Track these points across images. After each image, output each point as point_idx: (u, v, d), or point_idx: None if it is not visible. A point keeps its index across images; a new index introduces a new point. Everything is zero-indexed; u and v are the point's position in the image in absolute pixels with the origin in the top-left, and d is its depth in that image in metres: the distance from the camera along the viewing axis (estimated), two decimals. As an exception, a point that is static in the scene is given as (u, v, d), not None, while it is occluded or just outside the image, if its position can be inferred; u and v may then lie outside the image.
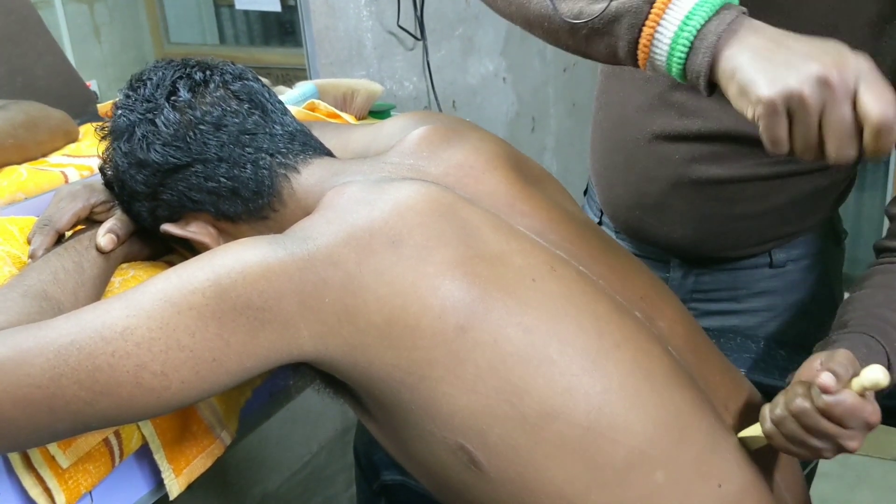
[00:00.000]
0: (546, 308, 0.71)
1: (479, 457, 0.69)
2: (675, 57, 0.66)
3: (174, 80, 0.80)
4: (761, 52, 0.62)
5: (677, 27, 0.65)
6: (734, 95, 0.64)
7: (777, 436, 0.71)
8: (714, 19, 0.64)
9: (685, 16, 0.64)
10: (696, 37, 0.65)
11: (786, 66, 0.61)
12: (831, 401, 0.66)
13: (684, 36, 0.65)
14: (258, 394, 0.97)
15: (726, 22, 0.64)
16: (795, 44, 0.62)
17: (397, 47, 1.87)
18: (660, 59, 0.67)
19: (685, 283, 1.14)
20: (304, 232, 0.70)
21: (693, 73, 0.66)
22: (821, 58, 0.60)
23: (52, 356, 0.63)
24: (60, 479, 0.74)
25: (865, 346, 0.77)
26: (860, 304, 0.84)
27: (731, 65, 0.63)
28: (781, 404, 0.70)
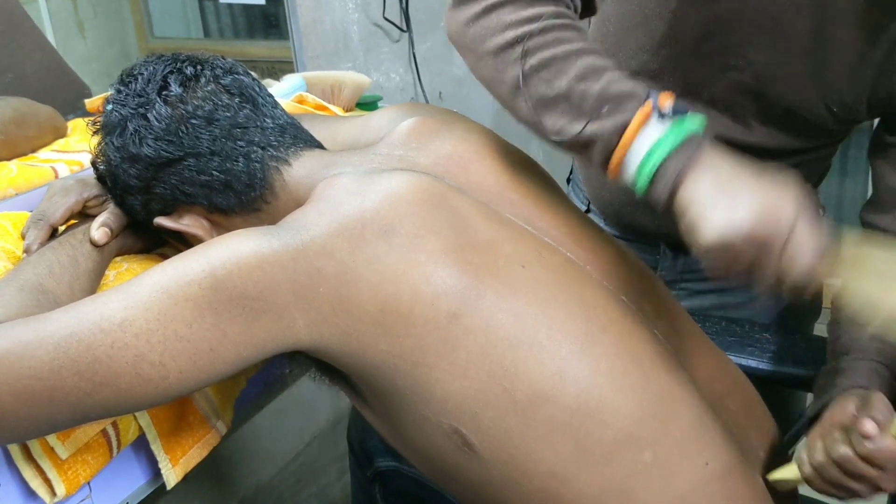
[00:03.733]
0: (535, 294, 0.72)
1: (472, 439, 0.71)
2: (639, 184, 0.71)
3: (165, 75, 0.81)
4: (711, 194, 0.68)
5: (641, 160, 0.70)
6: (685, 230, 0.69)
7: (817, 479, 0.73)
8: (674, 156, 0.69)
9: (647, 151, 0.70)
10: (657, 171, 0.70)
11: (727, 213, 0.66)
12: (873, 448, 0.68)
13: (647, 170, 0.70)
14: (253, 383, 0.97)
15: (684, 158, 0.69)
16: (742, 189, 0.67)
17: (383, 39, 1.87)
18: (628, 181, 0.73)
19: (675, 265, 1.16)
20: (297, 223, 0.71)
21: (654, 200, 0.71)
22: (759, 211, 0.66)
23: (51, 348, 0.63)
24: (60, 469, 0.74)
25: (876, 373, 0.80)
26: (855, 326, 0.86)
27: (684, 203, 0.69)
28: (821, 450, 0.72)
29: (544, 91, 0.75)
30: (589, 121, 0.72)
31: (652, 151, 0.70)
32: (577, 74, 0.74)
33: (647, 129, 0.70)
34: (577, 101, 0.73)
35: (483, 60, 0.79)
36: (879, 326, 0.66)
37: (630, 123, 0.70)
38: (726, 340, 1.05)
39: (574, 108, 0.73)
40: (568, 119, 0.74)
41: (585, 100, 0.73)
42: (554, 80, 0.74)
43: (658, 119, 0.70)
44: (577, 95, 0.73)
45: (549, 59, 0.75)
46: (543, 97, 0.75)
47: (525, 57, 0.75)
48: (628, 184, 0.73)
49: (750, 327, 1.08)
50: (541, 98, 0.75)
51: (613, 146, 0.71)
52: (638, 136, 0.70)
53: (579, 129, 0.73)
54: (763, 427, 0.85)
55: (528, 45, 0.75)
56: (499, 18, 0.77)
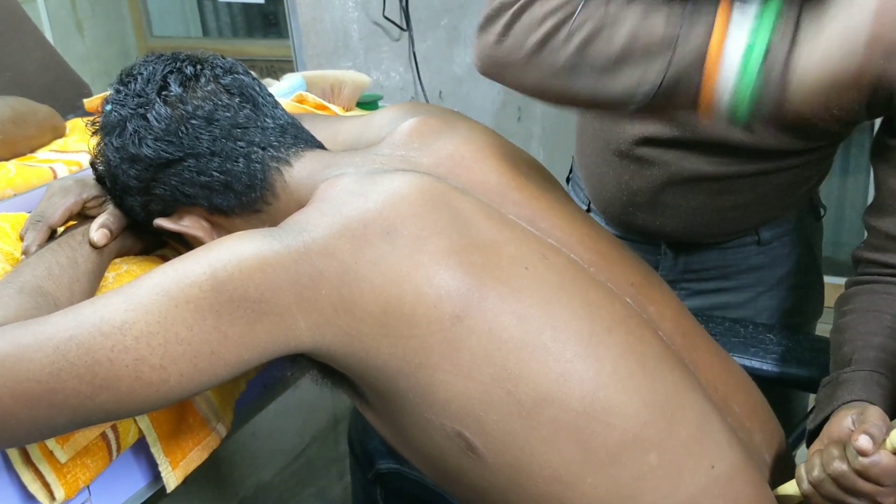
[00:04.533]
0: (539, 295, 0.72)
1: (476, 443, 0.70)
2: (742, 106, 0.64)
3: (165, 75, 0.80)
4: None
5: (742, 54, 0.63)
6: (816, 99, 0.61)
7: (816, 496, 0.72)
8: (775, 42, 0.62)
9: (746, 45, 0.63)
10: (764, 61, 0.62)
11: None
12: (868, 462, 0.68)
13: (753, 61, 0.63)
14: (253, 385, 0.97)
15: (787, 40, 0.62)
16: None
17: (383, 38, 1.87)
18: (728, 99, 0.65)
19: (676, 265, 1.16)
20: (298, 224, 0.71)
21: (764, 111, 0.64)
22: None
23: (51, 351, 0.63)
24: (59, 473, 0.74)
25: (877, 384, 0.79)
26: (856, 334, 0.86)
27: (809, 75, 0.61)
28: (818, 466, 0.71)
29: (607, 52, 0.70)
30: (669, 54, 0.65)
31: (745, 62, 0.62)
32: (635, 20, 0.69)
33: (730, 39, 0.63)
34: (646, 41, 0.67)
35: (528, 64, 0.75)
36: None
37: (717, 17, 0.63)
38: (730, 341, 1.05)
39: (645, 51, 0.68)
40: (643, 68, 0.68)
41: (654, 35, 0.67)
42: (615, 35, 0.69)
43: (740, 11, 0.63)
44: (644, 34, 0.68)
45: (600, 24, 0.70)
46: (608, 59, 0.70)
47: (573, 36, 0.71)
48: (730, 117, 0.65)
49: (754, 328, 1.08)
50: (605, 63, 0.70)
51: (701, 74, 0.64)
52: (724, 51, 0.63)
53: (659, 69, 0.66)
54: (768, 429, 0.84)
55: (572, 24, 0.71)
56: (531, 17, 0.75)
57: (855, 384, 0.79)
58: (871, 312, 0.86)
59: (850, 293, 0.91)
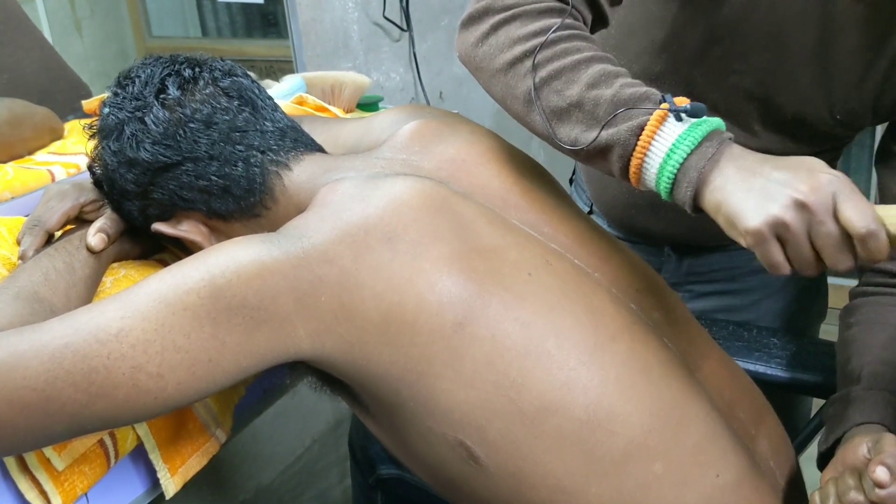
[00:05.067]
0: (542, 302, 0.71)
1: (478, 452, 0.70)
2: (661, 186, 0.69)
3: (163, 78, 0.79)
4: (741, 184, 0.65)
5: (661, 161, 0.68)
6: (724, 226, 0.66)
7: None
8: (695, 153, 0.67)
9: (667, 151, 0.67)
10: (678, 171, 0.67)
11: (765, 195, 0.63)
12: (885, 495, 0.67)
13: (668, 170, 0.68)
14: (252, 391, 0.96)
15: (707, 156, 0.66)
16: (773, 171, 0.65)
17: (383, 39, 1.86)
18: (650, 184, 0.70)
19: (680, 268, 1.15)
20: (298, 230, 0.70)
21: (679, 202, 0.69)
22: (796, 183, 0.63)
23: (46, 359, 0.62)
24: (56, 481, 0.73)
25: (890, 405, 0.78)
26: (864, 348, 0.85)
27: (714, 199, 0.66)
28: (833, 496, 0.70)
29: (556, 102, 0.73)
30: (604, 127, 0.70)
31: (672, 150, 0.67)
32: (589, 82, 0.72)
33: (664, 129, 0.68)
34: (591, 108, 0.71)
35: (495, 78, 0.78)
36: None
37: (647, 125, 0.68)
38: (734, 345, 1.04)
39: (587, 115, 0.72)
40: (583, 128, 0.72)
41: (599, 106, 0.71)
42: (565, 90, 0.73)
43: (675, 119, 0.68)
44: (589, 103, 0.72)
45: (558, 70, 0.73)
46: (556, 108, 0.74)
47: (535, 70, 0.74)
48: (650, 188, 0.71)
49: (758, 332, 1.07)
50: (553, 109, 0.74)
51: (631, 150, 0.69)
52: (656, 137, 0.68)
53: (594, 136, 0.71)
54: (773, 435, 0.83)
55: (538, 58, 0.74)
56: (507, 35, 0.76)
57: (866, 404, 0.78)
58: (878, 325, 0.85)
59: (856, 305, 0.90)
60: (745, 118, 0.98)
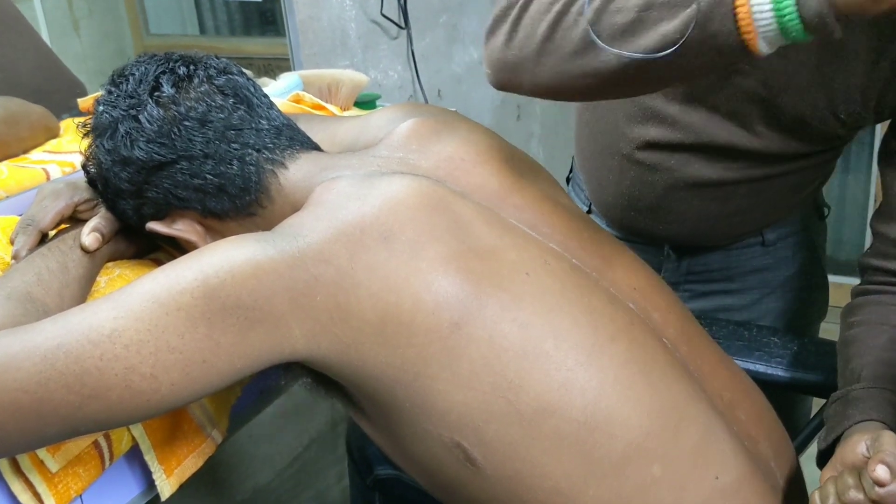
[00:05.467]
0: (540, 302, 0.70)
1: (475, 454, 0.69)
2: (786, 18, 0.59)
3: (157, 76, 0.78)
4: None
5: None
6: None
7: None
8: None
9: None
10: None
11: None
12: (885, 493, 0.66)
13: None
14: (248, 391, 0.96)
15: None
16: None
17: (381, 36, 1.86)
18: (771, 30, 0.61)
19: (680, 267, 1.15)
20: (293, 229, 0.69)
21: (819, 20, 0.59)
22: None
23: (38, 360, 0.61)
24: (50, 483, 0.73)
25: (889, 403, 0.77)
26: (865, 348, 0.84)
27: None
28: (833, 495, 0.69)
29: (623, 19, 0.66)
30: (690, 1, 0.61)
31: None
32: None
33: None
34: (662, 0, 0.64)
35: (542, 51, 0.71)
36: None
37: None
38: (734, 345, 1.03)
39: (663, 7, 0.64)
40: (666, 22, 0.64)
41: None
42: (626, 3, 0.66)
43: None
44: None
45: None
46: (626, 25, 0.66)
47: (584, 10, 0.67)
48: (777, 33, 0.61)
49: (758, 331, 1.06)
50: (624, 28, 0.66)
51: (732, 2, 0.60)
52: None
53: (684, 17, 0.62)
54: (774, 436, 0.83)
55: (578, 4, 0.68)
56: (536, 9, 0.72)
57: (866, 403, 0.77)
58: (879, 325, 0.85)
59: (857, 304, 0.89)
60: (747, 119, 0.97)
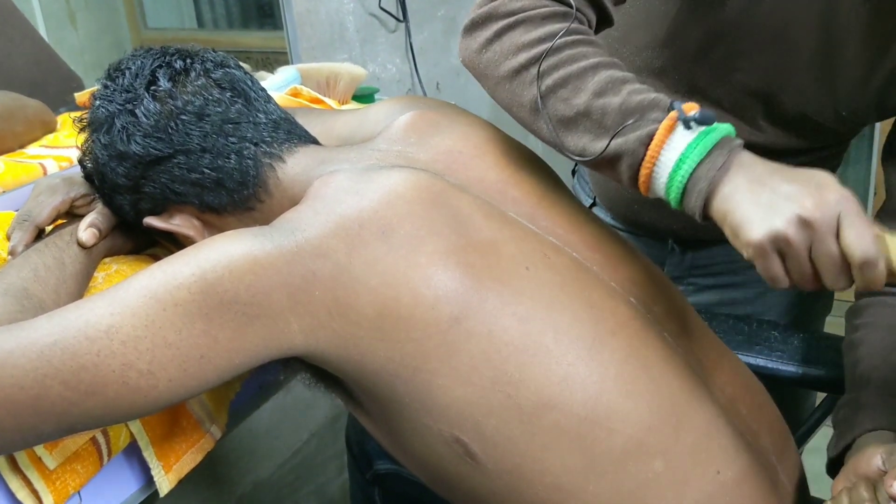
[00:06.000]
0: (540, 296, 0.70)
1: (475, 448, 0.69)
2: (671, 195, 0.68)
3: (154, 69, 0.78)
4: (749, 195, 0.64)
5: (670, 171, 0.67)
6: (728, 236, 0.65)
7: None
8: (705, 162, 0.65)
9: (676, 161, 0.66)
10: (688, 180, 0.66)
11: (771, 208, 0.63)
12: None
13: (678, 180, 0.66)
14: (247, 386, 0.95)
15: (717, 166, 0.65)
16: (781, 183, 0.64)
17: (379, 29, 1.85)
18: (659, 193, 0.69)
19: (684, 261, 1.14)
20: (291, 223, 0.69)
21: (689, 211, 0.68)
22: (802, 198, 0.62)
23: (35, 357, 0.61)
24: (48, 480, 0.72)
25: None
26: (873, 351, 0.83)
27: (722, 208, 0.65)
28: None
29: (563, 111, 0.72)
30: (613, 136, 0.69)
31: (681, 160, 0.66)
32: (596, 90, 0.70)
33: (674, 138, 0.66)
34: (598, 117, 0.70)
35: (500, 85, 0.76)
36: None
37: (656, 134, 0.67)
38: (734, 339, 1.03)
39: (595, 124, 0.70)
40: (591, 137, 0.71)
41: (606, 115, 0.70)
42: (572, 98, 0.71)
43: (684, 127, 0.66)
44: (597, 111, 0.70)
45: (564, 78, 0.72)
46: (563, 117, 0.72)
47: (541, 78, 0.72)
48: (660, 196, 0.69)
49: (758, 325, 1.06)
50: (560, 118, 0.72)
51: (640, 159, 0.68)
52: (665, 147, 0.67)
53: (603, 146, 0.69)
54: (775, 430, 0.82)
55: (543, 66, 0.72)
56: (511, 41, 0.74)
57: (876, 410, 0.77)
58: (886, 328, 0.84)
59: (863, 305, 0.89)
60: (750, 114, 0.97)
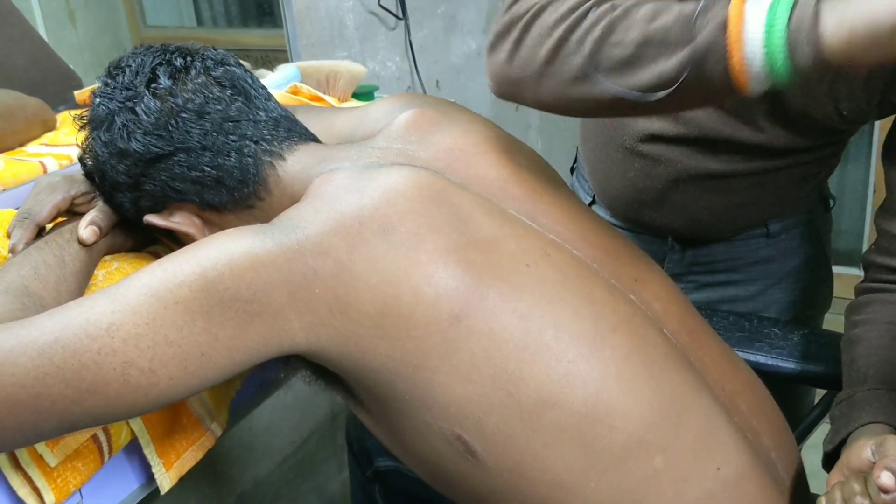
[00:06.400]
0: (541, 294, 0.70)
1: (475, 446, 0.69)
2: (777, 64, 0.60)
3: (154, 67, 0.78)
4: None
5: (763, 39, 0.60)
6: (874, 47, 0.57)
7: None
8: (795, 12, 0.59)
9: (765, 28, 0.60)
10: (788, 36, 0.59)
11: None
12: (889, 499, 0.66)
13: (776, 44, 0.60)
14: (248, 384, 0.95)
15: (811, 3, 0.59)
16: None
17: (379, 27, 1.85)
18: (761, 74, 0.62)
19: (683, 258, 1.15)
20: (291, 221, 0.69)
21: (803, 63, 0.60)
22: None
23: (35, 355, 0.61)
24: (49, 477, 0.72)
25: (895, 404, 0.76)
26: (871, 348, 0.83)
27: (843, 30, 0.57)
28: (840, 501, 0.69)
29: (621, 53, 0.67)
30: (686, 44, 0.63)
31: (770, 25, 0.59)
32: (647, 17, 0.66)
33: (748, 15, 0.60)
34: (661, 37, 0.65)
35: (542, 78, 0.72)
36: None
37: (729, 17, 0.60)
38: (734, 336, 1.03)
39: (661, 45, 0.65)
40: (663, 60, 0.65)
41: (669, 31, 0.64)
42: (625, 37, 0.66)
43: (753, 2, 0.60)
44: (657, 34, 0.65)
45: (608, 26, 0.67)
46: (623, 59, 0.67)
47: (584, 40, 0.68)
48: (768, 78, 0.61)
49: (758, 322, 1.06)
50: (621, 62, 0.67)
51: (725, 47, 0.61)
52: (746, 24, 0.60)
53: (678, 60, 0.63)
54: (775, 428, 0.82)
55: (580, 31, 0.69)
56: (540, 27, 0.72)
57: (872, 405, 0.77)
58: (885, 325, 0.84)
59: (862, 302, 0.88)
60: (750, 114, 0.97)
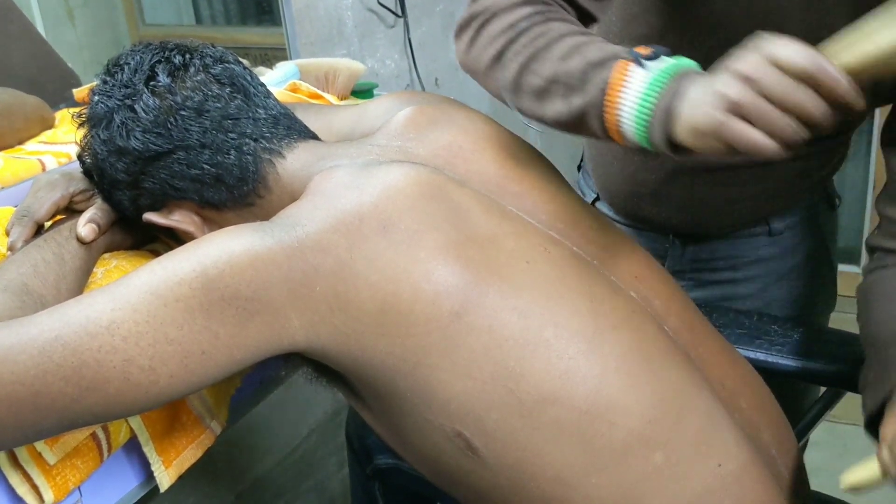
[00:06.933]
0: (540, 290, 0.70)
1: (476, 443, 0.69)
2: (640, 136, 0.67)
3: (153, 65, 0.78)
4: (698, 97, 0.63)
5: (635, 112, 0.66)
6: (697, 144, 0.64)
7: None
8: (663, 94, 0.65)
9: (639, 100, 0.66)
10: (651, 117, 0.65)
11: (712, 88, 0.62)
12: None
13: (642, 119, 0.66)
14: (248, 382, 0.95)
15: (672, 93, 0.64)
16: (718, 73, 0.63)
17: (378, 25, 1.85)
18: (632, 138, 0.68)
19: (684, 255, 1.15)
20: (291, 219, 0.69)
21: (658, 147, 0.67)
22: (732, 64, 0.62)
23: (35, 353, 0.61)
24: (48, 475, 0.72)
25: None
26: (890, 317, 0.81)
27: (682, 127, 0.64)
28: None
29: (537, 83, 0.74)
30: (579, 92, 0.70)
31: (644, 97, 0.66)
32: (561, 55, 0.72)
33: (630, 79, 0.66)
34: (565, 79, 0.72)
35: (487, 76, 0.80)
36: None
37: (611, 79, 0.67)
38: (735, 333, 1.03)
39: (564, 87, 0.72)
40: (563, 101, 0.72)
41: (572, 75, 0.71)
42: (541, 69, 0.74)
43: (640, 67, 0.66)
44: (563, 75, 0.72)
45: (534, 53, 0.75)
46: (537, 89, 0.74)
47: (515, 59, 0.76)
48: (636, 142, 0.69)
49: (759, 319, 1.06)
50: (536, 91, 0.74)
51: (602, 108, 0.68)
52: (623, 89, 0.67)
53: (573, 104, 0.71)
54: (775, 424, 0.82)
55: (515, 48, 0.76)
56: (488, 34, 0.79)
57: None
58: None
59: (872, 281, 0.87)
60: None
